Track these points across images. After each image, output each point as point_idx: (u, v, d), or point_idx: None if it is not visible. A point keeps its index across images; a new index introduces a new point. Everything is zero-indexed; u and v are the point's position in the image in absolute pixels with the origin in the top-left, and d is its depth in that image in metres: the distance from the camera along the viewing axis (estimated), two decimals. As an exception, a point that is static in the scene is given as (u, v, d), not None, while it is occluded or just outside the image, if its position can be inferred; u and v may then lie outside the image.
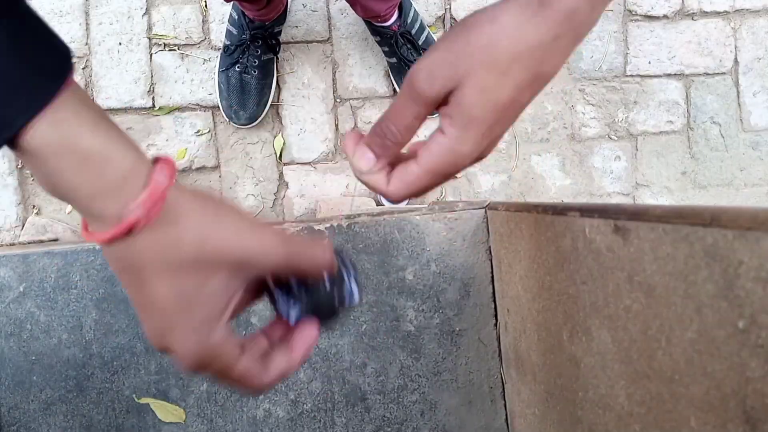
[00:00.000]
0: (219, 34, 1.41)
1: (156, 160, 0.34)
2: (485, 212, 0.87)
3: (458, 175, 1.49)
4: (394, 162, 0.43)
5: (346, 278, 0.42)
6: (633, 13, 1.52)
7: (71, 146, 0.30)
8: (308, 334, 0.41)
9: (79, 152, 0.30)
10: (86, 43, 1.40)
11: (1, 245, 1.34)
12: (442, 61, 0.38)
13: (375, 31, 1.32)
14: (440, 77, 0.38)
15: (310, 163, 1.44)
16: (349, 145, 0.44)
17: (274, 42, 1.35)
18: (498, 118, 0.39)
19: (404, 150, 0.44)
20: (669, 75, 1.53)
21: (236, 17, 1.32)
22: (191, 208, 0.34)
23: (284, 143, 1.43)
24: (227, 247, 0.34)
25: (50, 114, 0.29)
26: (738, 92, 1.55)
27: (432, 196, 1.46)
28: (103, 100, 1.38)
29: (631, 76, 1.52)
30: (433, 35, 1.40)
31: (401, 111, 0.40)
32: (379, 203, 1.41)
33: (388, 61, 1.40)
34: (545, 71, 0.39)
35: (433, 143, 0.40)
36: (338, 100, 1.45)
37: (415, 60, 1.35)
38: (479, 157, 0.42)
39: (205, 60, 1.42)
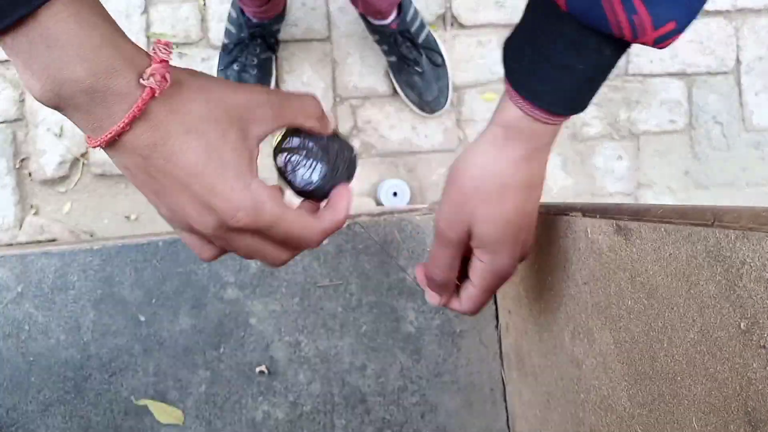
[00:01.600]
0: (218, 33, 1.41)
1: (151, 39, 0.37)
2: (485, 212, 0.87)
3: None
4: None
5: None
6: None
7: (88, 30, 0.31)
8: (342, 189, 0.44)
9: (96, 39, 0.31)
10: (85, 43, 1.39)
11: None
12: (452, 211, 0.48)
13: (374, 29, 1.32)
14: (456, 222, 0.47)
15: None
16: (422, 286, 0.55)
17: (273, 40, 1.35)
18: (515, 231, 0.47)
19: None
20: (671, 74, 1.52)
21: (235, 16, 1.31)
22: (188, 75, 0.36)
23: (284, 143, 1.42)
24: (227, 99, 0.37)
25: (54, 5, 0.30)
26: (740, 92, 1.55)
27: (433, 196, 1.46)
28: (103, 99, 1.38)
29: (633, 75, 1.52)
30: (433, 34, 1.39)
31: (440, 257, 0.50)
32: (379, 203, 1.41)
33: (387, 60, 1.39)
34: (533, 182, 0.47)
35: (476, 269, 0.49)
36: (338, 99, 1.44)
37: (414, 59, 1.34)
38: (522, 258, 0.51)
39: (203, 59, 1.42)
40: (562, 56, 0.41)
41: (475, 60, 1.47)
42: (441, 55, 1.40)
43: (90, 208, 1.39)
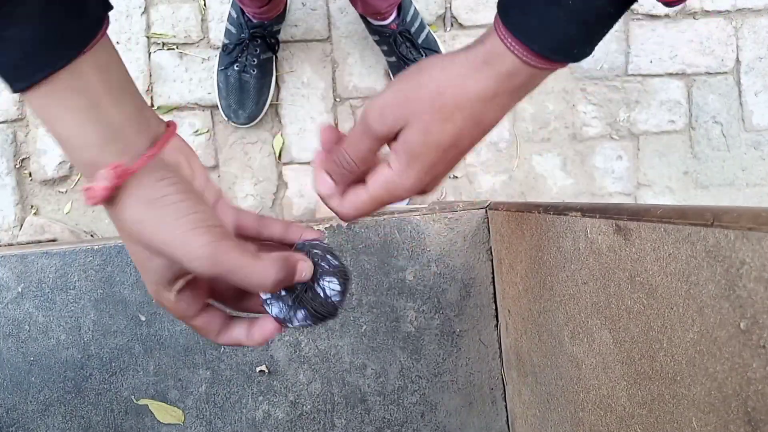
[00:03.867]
0: (218, 33, 1.41)
1: (116, 166, 0.35)
2: (486, 212, 0.87)
3: (456, 175, 1.48)
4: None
5: (314, 286, 0.42)
6: (635, 12, 1.51)
7: (46, 122, 0.34)
8: (267, 327, 0.43)
9: (53, 131, 0.35)
10: (85, 43, 1.39)
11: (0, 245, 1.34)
12: (393, 102, 0.43)
13: (374, 30, 1.32)
14: (390, 116, 0.43)
15: (309, 163, 1.44)
16: (315, 166, 0.49)
17: (273, 41, 1.35)
18: (439, 158, 0.43)
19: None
20: (671, 74, 1.52)
21: (235, 16, 1.31)
22: (136, 201, 0.36)
23: (283, 143, 1.43)
24: (154, 244, 0.36)
25: (45, 87, 0.33)
26: (740, 92, 1.55)
27: (433, 196, 1.46)
28: (103, 99, 1.38)
29: (633, 75, 1.52)
30: (433, 34, 1.39)
31: (356, 144, 0.45)
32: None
33: (387, 60, 1.39)
34: (484, 122, 0.43)
35: (380, 174, 0.45)
36: (338, 99, 1.44)
37: (414, 59, 1.34)
38: (422, 191, 0.46)
39: (203, 59, 1.42)
40: None
41: (474, 60, 1.47)
42: (441, 56, 1.40)
43: (90, 208, 1.39)
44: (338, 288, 0.43)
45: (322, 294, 0.42)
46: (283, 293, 0.41)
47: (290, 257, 0.39)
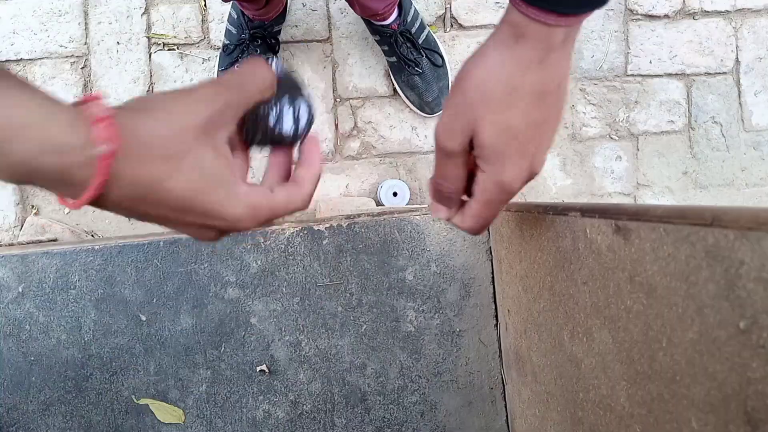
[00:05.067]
0: (218, 34, 1.41)
1: (81, 103, 0.33)
2: (485, 212, 0.87)
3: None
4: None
5: (286, 103, 0.44)
6: (634, 12, 1.51)
7: (9, 120, 0.29)
8: (311, 144, 0.45)
9: (20, 122, 0.29)
10: (85, 43, 1.39)
11: (0, 245, 1.34)
12: (452, 117, 0.43)
13: (374, 30, 1.32)
14: (456, 131, 0.43)
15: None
16: (430, 198, 0.51)
17: (273, 41, 1.35)
18: (521, 141, 0.43)
19: None
20: (670, 75, 1.53)
21: (235, 16, 1.31)
22: (135, 117, 0.34)
23: (284, 143, 1.42)
24: (188, 124, 0.36)
25: None
26: (739, 92, 1.55)
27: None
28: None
29: (632, 75, 1.52)
30: (433, 34, 1.39)
31: (443, 169, 0.47)
32: (379, 203, 1.41)
33: (387, 61, 1.39)
34: (546, 89, 0.42)
35: (479, 180, 0.45)
36: (338, 99, 1.44)
37: (415, 59, 1.34)
38: (530, 175, 0.46)
39: (204, 59, 1.42)
40: None
41: (474, 60, 1.47)
42: (441, 56, 1.40)
43: (91, 208, 1.39)
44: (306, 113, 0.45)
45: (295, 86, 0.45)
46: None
47: (256, 59, 0.42)
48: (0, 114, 0.28)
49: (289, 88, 0.44)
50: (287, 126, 0.44)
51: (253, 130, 0.44)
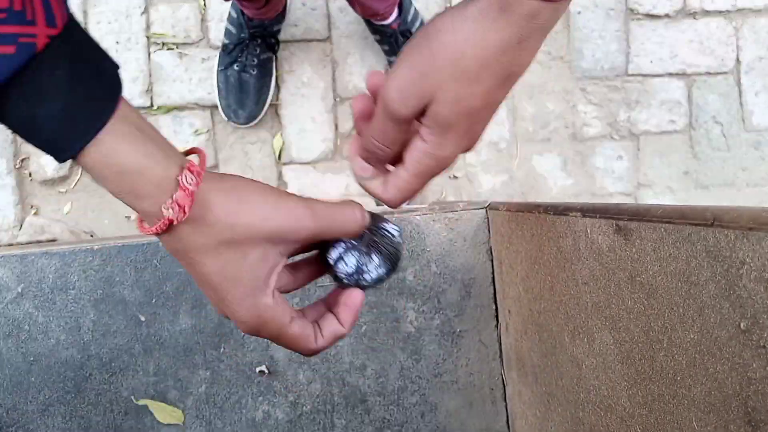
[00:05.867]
0: (218, 33, 1.41)
1: (186, 161, 0.38)
2: (486, 212, 0.87)
3: (456, 175, 1.48)
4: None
5: (378, 230, 0.45)
6: (635, 12, 1.51)
7: (113, 165, 0.35)
8: (353, 298, 0.45)
9: (118, 169, 0.35)
10: (85, 43, 1.39)
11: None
12: (412, 80, 0.39)
13: (375, 29, 1.32)
14: (413, 96, 0.39)
15: (309, 163, 1.43)
16: (351, 151, 0.47)
17: (273, 41, 1.35)
18: (474, 120, 0.41)
19: None
20: (671, 74, 1.52)
21: (235, 16, 1.31)
22: (220, 197, 0.38)
23: (283, 143, 1.42)
24: (255, 226, 0.38)
25: (98, 139, 0.34)
26: (740, 92, 1.55)
27: (433, 196, 1.46)
28: (103, 100, 1.38)
29: (633, 75, 1.52)
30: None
31: (383, 130, 0.43)
32: (378, 203, 1.41)
33: (388, 60, 1.39)
34: (514, 71, 0.40)
35: (415, 150, 0.42)
36: (338, 99, 1.44)
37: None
38: (464, 151, 0.44)
39: (203, 59, 1.42)
40: None
41: (475, 60, 1.47)
42: (441, 55, 1.40)
43: (90, 208, 1.40)
44: (397, 228, 0.46)
45: (388, 233, 0.45)
46: (351, 244, 0.44)
47: (352, 201, 0.43)
48: (104, 161, 0.35)
49: (386, 247, 0.45)
50: (349, 269, 0.44)
51: (340, 263, 0.44)
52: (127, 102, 0.36)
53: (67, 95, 0.32)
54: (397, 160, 0.45)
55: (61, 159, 0.34)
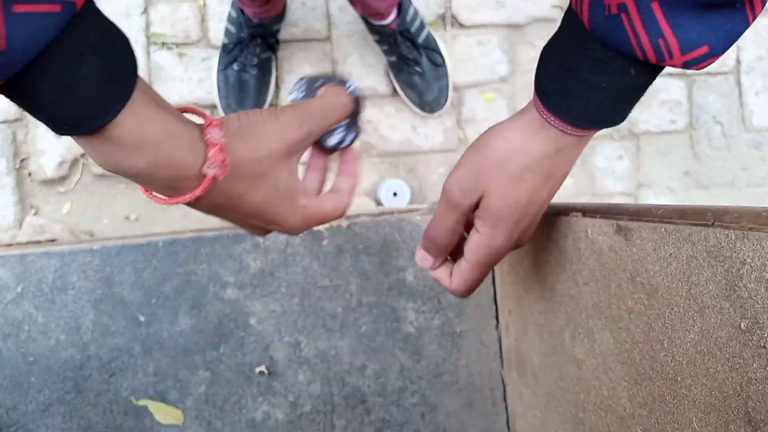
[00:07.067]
0: (217, 33, 1.41)
1: (203, 124, 0.40)
2: (485, 212, 0.87)
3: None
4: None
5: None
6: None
7: (148, 134, 0.35)
8: (350, 154, 0.52)
9: (154, 138, 0.36)
10: (85, 43, 1.39)
11: None
12: (468, 177, 0.48)
13: (374, 29, 1.31)
14: (469, 189, 0.48)
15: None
16: (418, 249, 0.55)
17: (273, 40, 1.35)
18: (521, 214, 0.48)
19: None
20: (671, 74, 1.52)
21: (235, 15, 1.31)
22: (238, 140, 0.41)
23: (284, 143, 1.42)
24: (275, 151, 0.42)
25: (131, 106, 0.34)
26: (740, 92, 1.55)
27: (433, 196, 1.46)
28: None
29: (633, 75, 1.51)
30: (433, 34, 1.39)
31: (443, 220, 0.51)
32: (379, 203, 1.41)
33: (387, 60, 1.39)
34: (555, 175, 0.48)
35: (472, 241, 0.50)
36: (338, 99, 1.44)
37: (414, 59, 1.34)
38: (516, 246, 0.52)
39: (203, 59, 1.42)
40: (587, 73, 0.41)
41: (475, 60, 1.47)
42: (441, 55, 1.40)
43: (90, 208, 1.39)
44: (353, 83, 0.51)
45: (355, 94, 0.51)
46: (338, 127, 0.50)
47: (336, 88, 0.48)
48: (137, 131, 0.35)
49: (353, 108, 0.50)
50: (334, 141, 0.50)
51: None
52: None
53: (101, 57, 0.32)
54: (453, 253, 0.54)
55: (92, 127, 0.33)
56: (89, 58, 0.32)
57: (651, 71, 0.41)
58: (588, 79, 0.41)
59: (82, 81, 0.32)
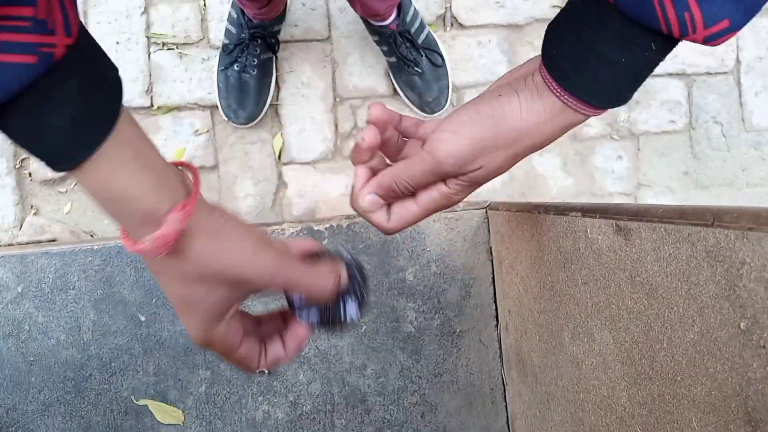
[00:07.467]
0: (218, 33, 1.41)
1: (180, 196, 0.38)
2: (486, 212, 0.87)
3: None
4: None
5: (341, 301, 0.46)
6: (634, 12, 1.51)
7: (105, 190, 0.35)
8: (299, 333, 0.47)
9: (109, 195, 0.36)
10: (85, 43, 1.39)
11: None
12: (471, 151, 0.45)
13: (373, 30, 1.32)
14: (467, 163, 0.45)
15: (309, 163, 1.43)
16: (357, 188, 0.50)
17: (273, 41, 1.35)
18: (491, 175, 0.47)
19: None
20: (671, 74, 1.52)
21: (235, 16, 1.31)
22: (202, 239, 0.39)
23: (283, 143, 1.42)
24: (224, 272, 0.39)
25: (95, 163, 0.34)
26: (740, 92, 1.55)
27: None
28: (103, 100, 1.38)
29: (633, 75, 1.51)
30: (433, 34, 1.39)
31: (420, 177, 0.47)
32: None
33: (387, 61, 1.39)
34: (545, 143, 0.46)
35: (436, 191, 0.47)
36: (338, 99, 1.44)
37: (414, 59, 1.34)
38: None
39: (203, 59, 1.41)
40: (605, 48, 0.40)
41: (475, 60, 1.47)
42: (441, 56, 1.40)
43: (90, 208, 1.39)
44: (355, 310, 0.47)
45: (341, 310, 0.46)
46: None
47: (338, 268, 0.44)
48: (100, 180, 0.35)
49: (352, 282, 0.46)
50: (318, 318, 0.47)
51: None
52: (130, 118, 0.36)
53: (75, 106, 0.33)
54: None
55: (58, 169, 0.34)
56: (62, 107, 0.32)
57: (667, 48, 0.40)
58: (607, 54, 0.40)
59: (51, 128, 0.32)
